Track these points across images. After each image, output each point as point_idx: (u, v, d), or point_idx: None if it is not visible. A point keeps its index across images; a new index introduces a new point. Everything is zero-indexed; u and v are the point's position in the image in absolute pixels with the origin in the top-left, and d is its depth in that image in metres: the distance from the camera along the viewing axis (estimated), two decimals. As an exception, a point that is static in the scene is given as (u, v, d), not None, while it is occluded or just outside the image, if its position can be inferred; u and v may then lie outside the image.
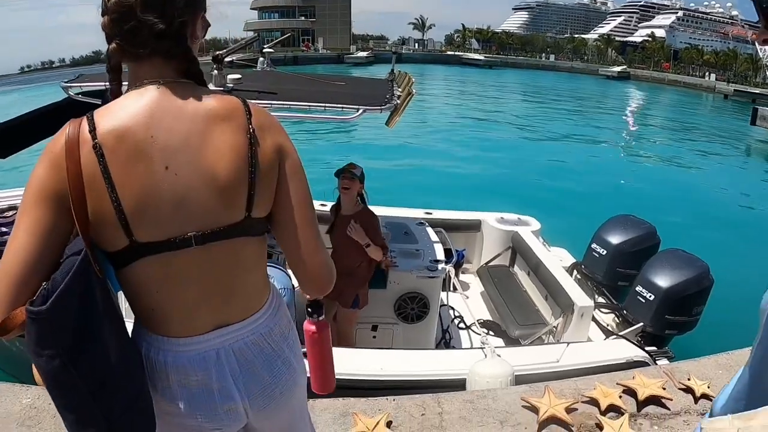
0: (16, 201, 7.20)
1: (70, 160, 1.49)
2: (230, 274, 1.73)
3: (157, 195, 1.53)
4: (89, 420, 1.51)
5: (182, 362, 1.72)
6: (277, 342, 1.90)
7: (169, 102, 1.58)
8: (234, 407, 1.82)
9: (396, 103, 4.55)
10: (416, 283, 5.53)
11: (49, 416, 3.91)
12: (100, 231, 1.53)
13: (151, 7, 1.54)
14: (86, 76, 5.44)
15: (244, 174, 1.61)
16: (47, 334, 1.41)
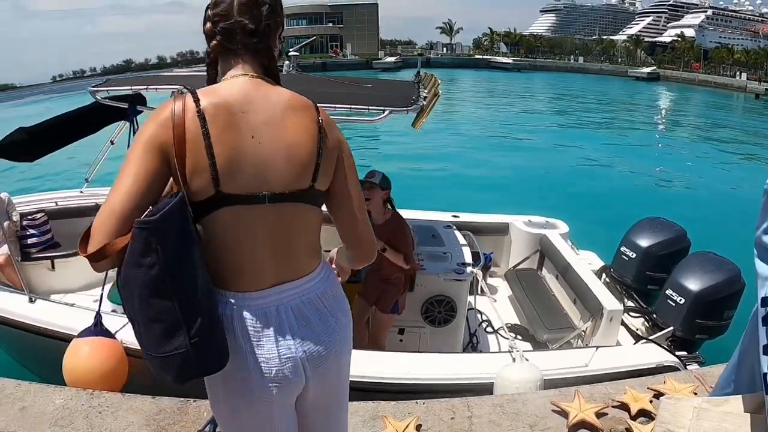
0: (46, 204, 7.33)
1: (177, 122, 1.85)
2: (293, 234, 2.06)
3: (243, 156, 1.91)
4: (175, 331, 1.78)
5: (245, 316, 2.00)
6: (331, 303, 2.19)
7: (256, 89, 2.02)
8: (293, 362, 2.07)
9: (422, 104, 4.56)
10: (443, 286, 5.54)
11: (82, 417, 3.98)
12: (195, 180, 1.86)
13: (244, 12, 2.03)
14: (113, 81, 5.53)
15: (314, 153, 2.03)
16: (151, 243, 1.71)
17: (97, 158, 7.52)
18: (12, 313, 5.10)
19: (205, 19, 2.10)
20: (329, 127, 2.12)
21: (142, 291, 1.74)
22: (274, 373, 2.04)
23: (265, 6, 2.09)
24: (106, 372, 4.46)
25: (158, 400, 4.17)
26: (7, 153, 5.35)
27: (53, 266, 6.90)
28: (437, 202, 9.09)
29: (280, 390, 2.08)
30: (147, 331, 1.80)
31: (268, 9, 2.09)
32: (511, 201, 12.92)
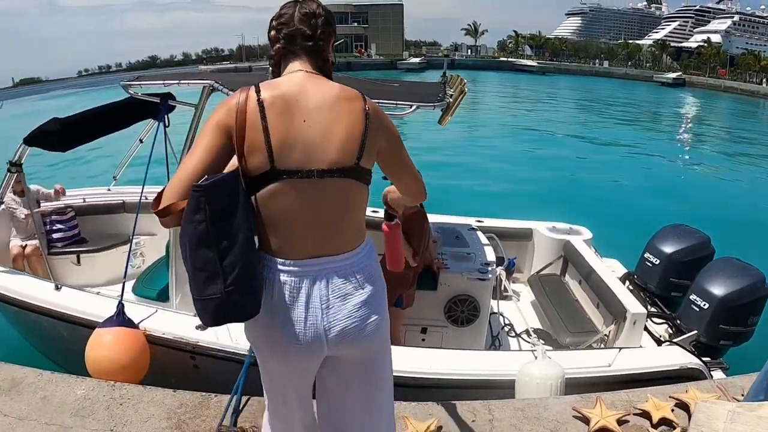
0: (74, 201, 7.43)
1: (240, 109, 2.24)
2: (339, 210, 2.37)
3: (294, 138, 2.25)
4: (214, 279, 2.14)
5: (283, 281, 2.33)
6: (366, 281, 2.47)
7: (311, 83, 2.38)
8: (315, 329, 2.36)
9: (448, 102, 4.59)
10: (467, 286, 5.55)
11: (103, 408, 4.02)
12: (253, 157, 2.24)
13: (303, 21, 2.46)
14: (145, 77, 5.57)
15: (359, 136, 2.34)
16: (200, 203, 2.09)
17: (125, 157, 7.60)
18: (37, 299, 5.17)
19: (270, 27, 2.54)
20: (375, 114, 2.43)
21: (191, 242, 2.14)
22: (296, 335, 2.35)
23: (321, 18, 2.51)
24: (128, 361, 4.52)
25: (180, 394, 4.20)
26: (41, 142, 5.43)
27: (78, 261, 6.99)
28: (461, 207, 9.06)
29: (300, 351, 2.39)
30: (193, 277, 2.19)
31: (323, 20, 2.52)
32: (535, 207, 12.89)
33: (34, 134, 5.41)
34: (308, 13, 2.49)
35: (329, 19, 2.58)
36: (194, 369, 4.75)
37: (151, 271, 6.51)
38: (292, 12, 2.48)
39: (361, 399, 2.71)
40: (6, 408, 4.02)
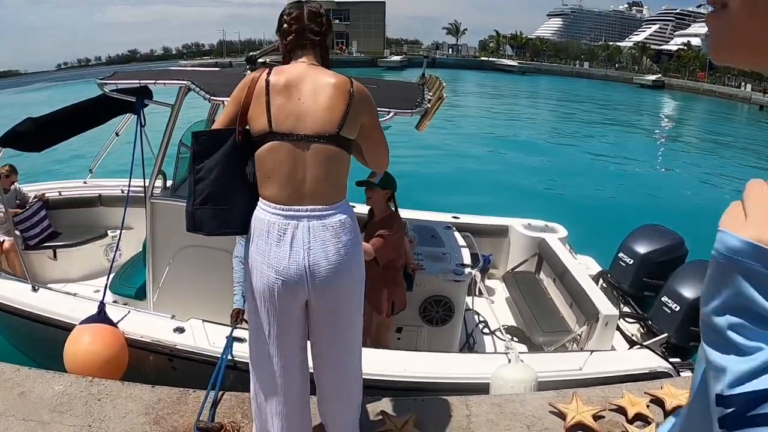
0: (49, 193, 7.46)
1: (251, 86, 2.96)
2: (319, 167, 2.91)
3: (289, 110, 2.90)
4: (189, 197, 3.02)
5: (273, 221, 2.88)
6: (344, 231, 2.97)
7: (310, 71, 3.01)
8: (297, 266, 2.87)
9: (426, 107, 4.61)
10: (442, 287, 5.57)
11: (80, 403, 4.01)
12: (257, 122, 2.92)
13: (311, 19, 3.12)
14: (121, 73, 5.56)
15: (341, 111, 2.94)
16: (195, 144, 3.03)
17: (101, 150, 7.58)
18: (15, 301, 5.15)
19: (282, 22, 3.16)
20: (359, 95, 3.03)
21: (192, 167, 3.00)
22: (281, 269, 2.87)
23: (324, 17, 3.19)
24: (107, 359, 4.51)
25: (158, 390, 4.20)
26: (15, 142, 5.41)
27: (55, 255, 6.96)
28: (437, 203, 9.09)
29: (285, 286, 2.89)
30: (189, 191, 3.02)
31: (326, 19, 3.20)
32: (511, 204, 12.95)
33: (8, 135, 5.38)
34: (315, 13, 3.15)
35: (329, 18, 3.25)
36: (172, 370, 4.76)
37: (128, 267, 6.48)
38: (301, 11, 3.12)
39: (332, 333, 3.16)
40: (-17, 404, 4.02)
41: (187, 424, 3.89)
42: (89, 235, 7.32)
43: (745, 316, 0.67)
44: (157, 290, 5.25)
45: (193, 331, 4.74)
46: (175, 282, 5.19)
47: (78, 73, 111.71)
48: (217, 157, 2.97)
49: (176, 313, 5.04)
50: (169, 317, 4.96)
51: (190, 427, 3.85)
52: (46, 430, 3.80)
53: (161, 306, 5.21)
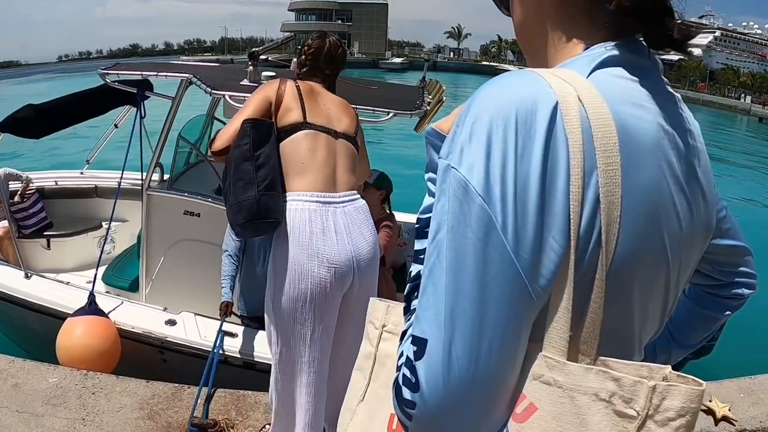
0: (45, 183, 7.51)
1: (280, 87, 3.18)
2: (346, 159, 3.22)
3: (319, 110, 3.22)
4: (250, 185, 2.92)
5: (313, 208, 2.97)
6: (369, 216, 3.21)
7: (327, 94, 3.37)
8: (346, 253, 2.97)
9: (426, 109, 4.64)
10: None
11: (75, 396, 4.01)
12: (288, 115, 3.12)
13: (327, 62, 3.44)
14: (123, 65, 5.55)
15: (354, 121, 3.43)
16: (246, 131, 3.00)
17: (99, 141, 7.57)
18: (7, 287, 5.14)
19: (300, 52, 3.50)
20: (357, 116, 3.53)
21: (236, 161, 2.97)
22: (333, 259, 2.93)
23: (339, 59, 3.50)
24: (100, 351, 4.51)
25: (152, 385, 4.20)
26: (15, 128, 5.41)
27: (48, 245, 6.92)
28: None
29: (336, 276, 2.95)
30: (233, 187, 2.95)
31: (341, 59, 3.53)
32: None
33: (8, 121, 5.39)
34: (333, 56, 3.45)
35: (344, 57, 3.57)
36: (162, 363, 4.76)
37: (122, 259, 6.47)
38: (319, 46, 3.42)
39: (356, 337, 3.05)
40: (-24, 394, 4.01)
41: (182, 420, 3.89)
42: (83, 225, 7.28)
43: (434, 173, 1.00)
44: (150, 282, 5.24)
45: (185, 324, 4.76)
46: (169, 275, 5.18)
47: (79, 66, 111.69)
48: (270, 144, 3.05)
49: (168, 305, 5.04)
50: (161, 309, 4.96)
51: (184, 423, 3.86)
52: (39, 422, 3.80)
53: (153, 298, 5.20)
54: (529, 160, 0.82)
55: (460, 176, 0.86)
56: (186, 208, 4.97)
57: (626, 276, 0.89)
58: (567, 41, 1.04)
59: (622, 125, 0.86)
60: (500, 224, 0.82)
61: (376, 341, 1.29)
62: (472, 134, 0.87)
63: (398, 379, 0.91)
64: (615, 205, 0.84)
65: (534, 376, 0.87)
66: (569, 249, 0.83)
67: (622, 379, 0.81)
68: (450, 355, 0.84)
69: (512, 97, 0.87)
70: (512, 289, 0.83)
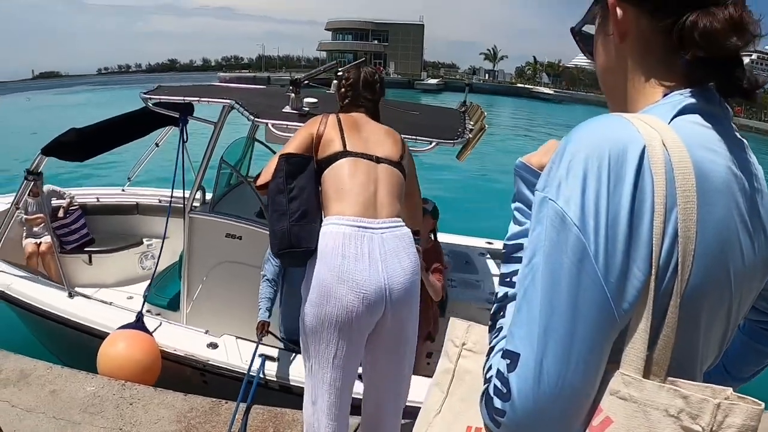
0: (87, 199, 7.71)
1: (323, 122, 3.28)
2: (388, 185, 3.18)
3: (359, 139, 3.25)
4: (283, 216, 3.01)
5: (348, 233, 2.94)
6: (411, 245, 3.11)
7: (368, 120, 3.46)
8: (378, 281, 2.91)
9: (468, 137, 4.63)
10: (474, 314, 5.48)
11: (112, 406, 4.06)
12: (330, 147, 3.20)
13: (365, 88, 3.51)
14: (164, 88, 5.61)
15: (400, 147, 3.40)
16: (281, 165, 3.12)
17: (140, 159, 7.69)
18: (52, 306, 5.23)
19: (340, 86, 3.58)
20: (406, 146, 3.48)
21: (272, 192, 3.09)
22: (363, 284, 2.88)
23: (377, 84, 3.57)
24: (142, 365, 4.57)
25: (190, 398, 4.25)
26: (59, 152, 5.52)
27: (90, 261, 7.04)
28: (471, 228, 9.06)
29: (365, 304, 2.90)
30: (270, 217, 3.09)
31: (379, 86, 3.59)
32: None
33: (52, 145, 5.51)
34: (369, 81, 3.52)
35: (383, 84, 3.63)
36: (204, 384, 4.80)
37: (163, 277, 6.55)
38: (357, 77, 3.51)
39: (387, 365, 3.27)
40: (14, 399, 4.09)
41: (219, 435, 3.90)
42: (124, 242, 7.42)
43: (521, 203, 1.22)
44: (190, 303, 5.30)
45: (226, 348, 4.77)
46: (209, 296, 5.24)
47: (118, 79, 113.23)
48: (305, 177, 3.13)
49: (208, 327, 5.08)
50: (203, 332, 5.00)
51: (221, 439, 3.88)
52: (76, 430, 3.87)
53: (194, 319, 5.26)
54: (620, 196, 0.93)
55: (558, 208, 0.97)
56: (228, 231, 5.03)
57: (696, 304, 0.98)
58: (647, 87, 1.16)
59: (698, 168, 0.96)
60: (593, 252, 0.92)
61: (456, 358, 1.39)
62: (569, 171, 0.97)
63: (488, 389, 1.02)
64: (691, 239, 0.94)
65: (611, 392, 0.96)
66: (650, 277, 0.93)
67: (690, 396, 0.90)
68: (541, 368, 0.94)
69: (605, 138, 0.97)
70: (600, 311, 0.93)
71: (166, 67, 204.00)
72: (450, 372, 1.39)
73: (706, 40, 1.02)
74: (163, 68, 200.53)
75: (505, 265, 1.19)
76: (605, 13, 1.22)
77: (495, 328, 1.15)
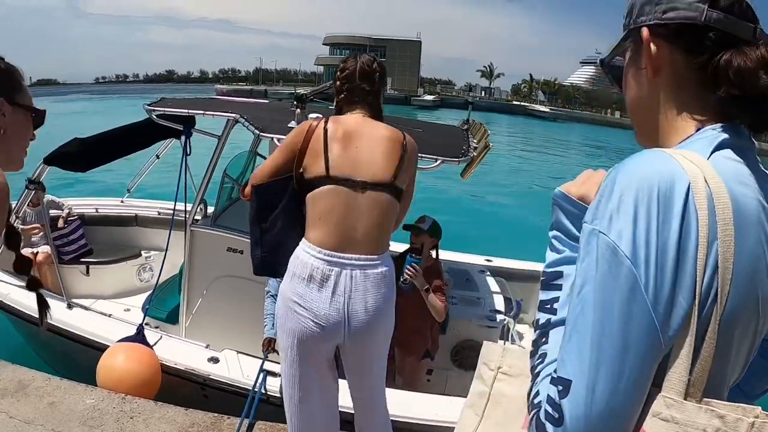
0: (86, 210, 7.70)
1: (308, 133, 3.04)
2: (372, 215, 2.98)
3: (346, 157, 2.98)
4: (257, 246, 3.24)
5: (317, 265, 2.89)
6: (384, 283, 3.01)
7: (365, 123, 3.13)
8: (337, 314, 2.89)
9: (472, 155, 4.64)
10: (475, 332, 5.54)
11: (112, 420, 4.03)
12: (314, 166, 2.98)
13: (363, 79, 3.17)
14: (168, 100, 5.63)
15: (395, 162, 3.05)
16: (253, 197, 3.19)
17: (141, 170, 7.68)
18: (50, 317, 5.14)
19: (336, 78, 3.27)
20: (411, 148, 3.17)
21: (249, 218, 3.23)
22: (321, 315, 2.88)
23: (377, 74, 3.22)
24: (142, 379, 4.54)
25: (192, 413, 4.22)
26: (61, 162, 5.50)
27: (88, 272, 7.00)
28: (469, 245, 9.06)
29: (321, 330, 2.90)
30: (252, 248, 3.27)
31: (379, 76, 3.23)
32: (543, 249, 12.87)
33: (54, 155, 5.48)
34: (367, 71, 3.19)
35: (383, 74, 3.27)
36: (204, 398, 4.77)
37: (162, 290, 6.51)
38: (354, 68, 3.19)
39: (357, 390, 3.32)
40: (12, 410, 4.06)
41: (221, 451, 3.88)
42: (123, 254, 7.38)
43: (559, 231, 1.29)
44: (190, 317, 5.28)
45: (228, 362, 4.75)
46: (209, 310, 5.22)
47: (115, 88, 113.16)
48: (279, 208, 3.17)
49: (207, 341, 5.07)
50: (204, 346, 4.98)
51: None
52: (76, 443, 3.83)
53: (193, 333, 5.24)
54: (669, 230, 0.99)
55: (609, 241, 1.02)
56: (229, 245, 5.01)
57: (729, 329, 1.03)
58: (679, 121, 1.23)
59: (734, 202, 1.03)
60: (643, 283, 0.98)
61: (491, 381, 1.45)
62: (620, 205, 1.02)
63: (539, 415, 1.07)
64: (728, 269, 0.99)
65: (653, 414, 1.01)
66: (693, 306, 0.99)
67: (726, 416, 0.95)
68: (593, 394, 0.98)
69: (653, 173, 1.03)
70: (649, 338, 0.98)
71: (164, 77, 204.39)
72: (485, 395, 1.45)
73: (740, 79, 1.09)
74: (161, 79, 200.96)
75: (545, 292, 1.29)
76: (637, 47, 1.28)
77: (537, 353, 1.22)
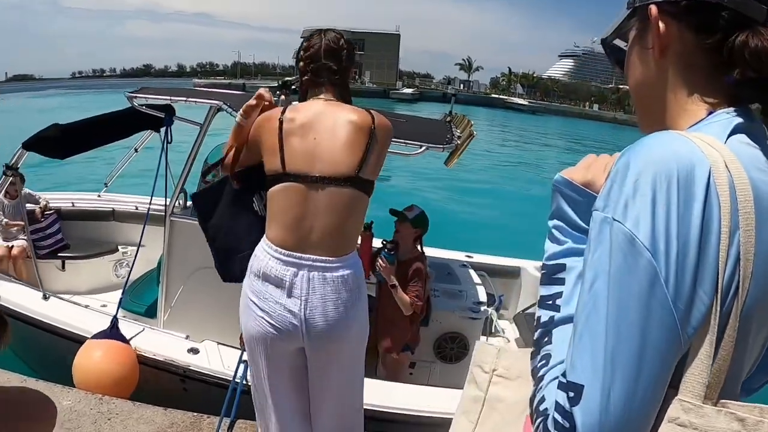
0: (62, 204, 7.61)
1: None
2: (335, 214, 2.75)
3: (304, 150, 2.75)
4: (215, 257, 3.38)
5: (272, 265, 2.74)
6: (345, 288, 2.80)
7: (328, 109, 2.85)
8: (294, 317, 2.72)
9: (457, 144, 4.61)
10: (458, 324, 5.54)
11: (89, 421, 3.97)
12: (271, 160, 2.80)
13: (328, 57, 2.91)
14: (149, 89, 5.54)
15: (361, 151, 2.78)
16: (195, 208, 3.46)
17: (118, 164, 7.57)
18: (25, 308, 5.06)
19: (299, 59, 3.00)
20: (381, 131, 2.88)
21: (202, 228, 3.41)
22: (275, 315, 2.74)
23: (344, 51, 2.97)
24: (118, 377, 4.44)
25: (170, 413, 4.15)
26: (40, 147, 5.38)
27: (63, 267, 6.90)
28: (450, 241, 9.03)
29: (277, 332, 2.76)
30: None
31: (346, 54, 2.97)
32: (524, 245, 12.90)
33: (32, 140, 5.35)
34: (333, 49, 2.95)
35: (351, 52, 3.03)
36: (183, 392, 4.68)
37: (140, 284, 6.42)
38: (318, 45, 2.95)
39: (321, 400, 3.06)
40: (-14, 413, 3.96)
41: (201, 452, 3.81)
42: (99, 249, 7.28)
43: (561, 221, 1.20)
44: (168, 309, 5.20)
45: (208, 353, 4.68)
46: (188, 301, 5.14)
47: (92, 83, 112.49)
48: (220, 212, 3.22)
49: (186, 333, 5.01)
50: (183, 337, 4.92)
51: (203, 455, 3.79)
52: (52, 445, 3.74)
53: (171, 325, 5.16)
54: (690, 218, 0.91)
55: (625, 230, 0.93)
56: None
57: (747, 325, 0.96)
58: (689, 103, 1.13)
59: (755, 189, 0.95)
60: (664, 276, 0.90)
61: (486, 385, 1.36)
62: (636, 190, 0.94)
63: (547, 424, 0.98)
64: (750, 261, 0.92)
65: (669, 419, 0.93)
66: (714, 300, 0.91)
67: (746, 419, 0.89)
68: (609, 399, 0.90)
69: (672, 156, 0.94)
70: (669, 336, 0.90)
71: (141, 72, 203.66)
72: (479, 400, 1.35)
73: (757, 60, 1.01)
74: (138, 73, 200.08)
75: (546, 286, 1.17)
76: (644, 25, 1.19)
77: (540, 354, 1.12)
